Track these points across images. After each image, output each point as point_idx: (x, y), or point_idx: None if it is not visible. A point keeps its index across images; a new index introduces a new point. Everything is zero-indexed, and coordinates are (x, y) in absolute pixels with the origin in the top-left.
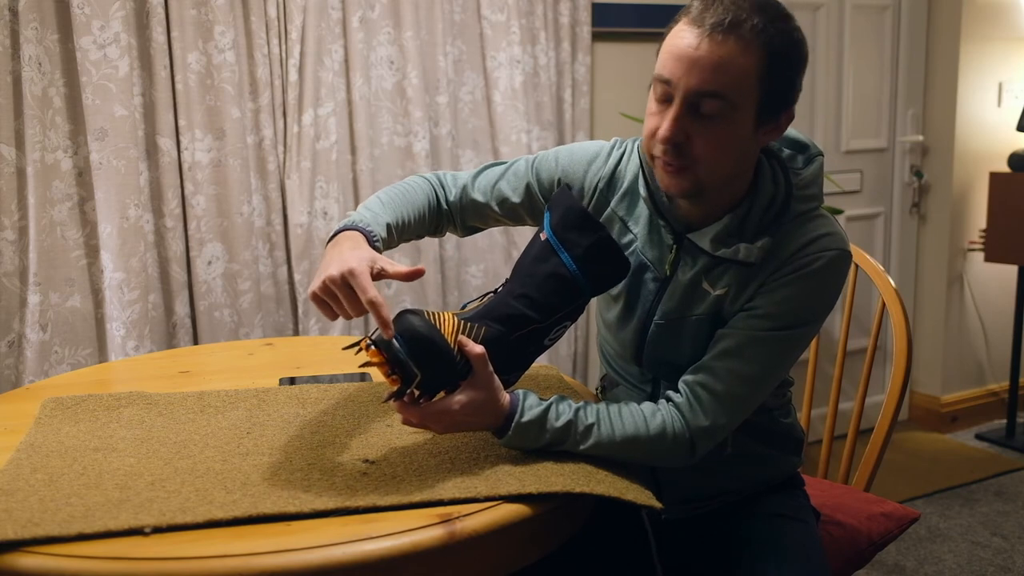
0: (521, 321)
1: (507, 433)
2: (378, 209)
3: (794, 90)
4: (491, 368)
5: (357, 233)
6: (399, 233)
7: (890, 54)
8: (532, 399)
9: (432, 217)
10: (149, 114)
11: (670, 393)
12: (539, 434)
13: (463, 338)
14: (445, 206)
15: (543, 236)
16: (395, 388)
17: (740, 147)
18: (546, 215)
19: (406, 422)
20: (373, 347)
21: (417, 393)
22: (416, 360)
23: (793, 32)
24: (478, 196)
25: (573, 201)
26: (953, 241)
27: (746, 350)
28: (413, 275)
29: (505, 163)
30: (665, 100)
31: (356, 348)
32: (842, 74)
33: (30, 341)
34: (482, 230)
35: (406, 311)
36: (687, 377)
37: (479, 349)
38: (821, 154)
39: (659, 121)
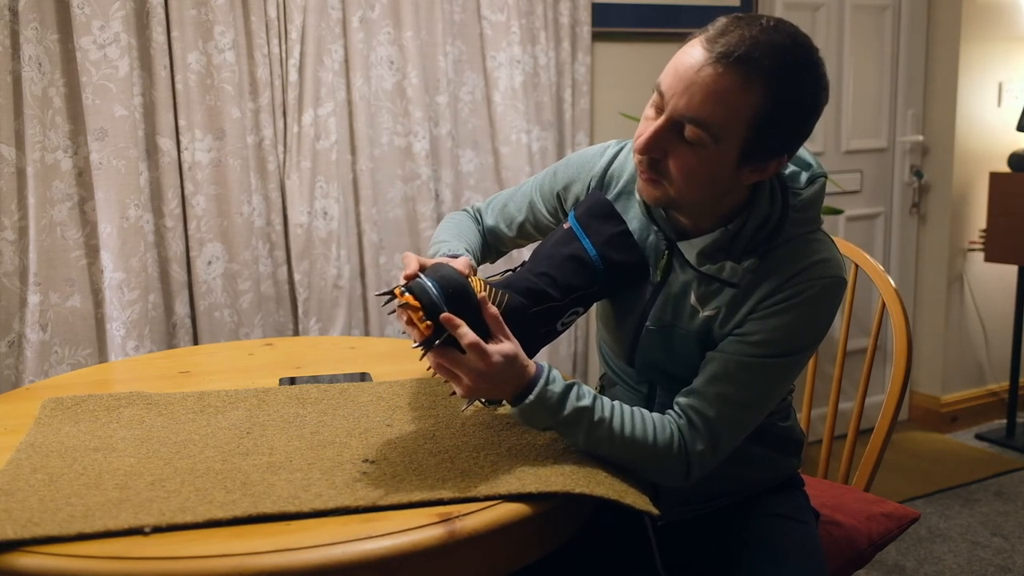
0: (541, 296)
1: (529, 397)
2: (451, 239)
3: (793, 140)
4: (508, 330)
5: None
6: (473, 257)
7: (890, 54)
8: (557, 372)
9: (484, 243)
10: (149, 114)
11: (671, 412)
12: (558, 408)
13: (483, 296)
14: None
15: (567, 225)
16: (424, 337)
17: (714, 177)
18: (572, 210)
19: (438, 368)
20: (407, 293)
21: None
22: (451, 307)
23: (807, 83)
24: (490, 219)
25: (601, 197)
26: (953, 241)
27: (737, 376)
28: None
29: (516, 187)
30: (658, 109)
31: (388, 295)
32: (842, 74)
33: (30, 341)
34: (505, 253)
35: (441, 263)
36: (681, 400)
37: (494, 310)
38: (825, 175)
39: (646, 129)
